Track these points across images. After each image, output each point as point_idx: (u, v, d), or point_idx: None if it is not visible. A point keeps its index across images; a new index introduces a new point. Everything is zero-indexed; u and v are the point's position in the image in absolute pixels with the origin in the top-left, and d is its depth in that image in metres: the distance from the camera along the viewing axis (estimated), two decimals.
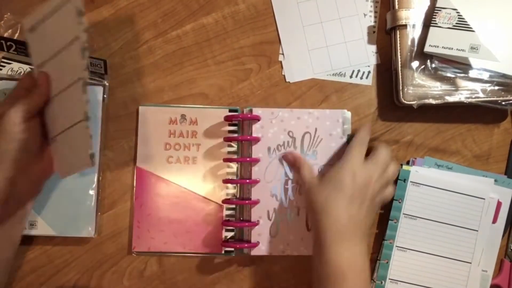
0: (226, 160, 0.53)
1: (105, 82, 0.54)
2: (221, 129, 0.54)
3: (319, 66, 0.56)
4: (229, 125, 0.54)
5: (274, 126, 0.53)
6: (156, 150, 0.53)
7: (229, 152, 0.54)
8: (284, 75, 0.56)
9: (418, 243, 0.52)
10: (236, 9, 0.56)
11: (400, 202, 0.52)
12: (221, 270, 0.53)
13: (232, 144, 0.54)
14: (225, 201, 0.53)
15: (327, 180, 0.48)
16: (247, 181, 0.52)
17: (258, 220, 0.52)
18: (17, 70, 0.54)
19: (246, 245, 0.51)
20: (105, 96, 0.54)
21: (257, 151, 0.52)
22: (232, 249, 0.52)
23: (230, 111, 0.54)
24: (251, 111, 0.53)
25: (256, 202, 0.52)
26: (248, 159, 0.52)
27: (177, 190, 0.53)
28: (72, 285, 0.52)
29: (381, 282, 0.52)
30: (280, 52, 0.56)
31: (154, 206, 0.53)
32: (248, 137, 0.52)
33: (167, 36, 0.56)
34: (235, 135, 0.53)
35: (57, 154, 0.47)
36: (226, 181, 0.53)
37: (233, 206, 0.53)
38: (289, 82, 0.56)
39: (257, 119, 0.53)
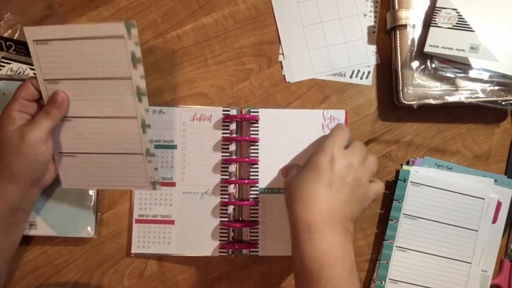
0: (225, 160, 0.53)
1: None
2: (219, 129, 0.53)
3: (319, 66, 0.56)
4: (223, 127, 0.53)
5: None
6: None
7: (226, 153, 0.53)
8: (284, 75, 0.56)
9: (418, 243, 0.52)
10: (236, 9, 0.56)
11: (400, 202, 0.52)
12: (220, 270, 0.53)
13: (227, 145, 0.53)
14: (224, 202, 0.53)
15: (304, 166, 0.45)
16: (246, 181, 0.52)
17: (257, 221, 0.52)
18: (17, 70, 0.54)
19: (245, 246, 0.51)
20: None
21: (255, 152, 0.52)
22: (231, 250, 0.52)
23: (226, 111, 0.53)
24: (249, 111, 0.53)
25: (255, 203, 0.52)
26: (246, 159, 0.52)
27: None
28: (72, 285, 0.52)
29: (381, 282, 0.52)
30: (280, 52, 0.56)
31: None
32: (247, 138, 0.52)
33: (167, 36, 0.56)
34: (234, 135, 0.53)
35: (75, 168, 0.48)
36: (225, 181, 0.53)
37: (232, 206, 0.53)
38: (289, 82, 0.56)
39: (255, 119, 0.53)
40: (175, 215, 0.53)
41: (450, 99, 0.52)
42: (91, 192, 0.52)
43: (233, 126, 0.53)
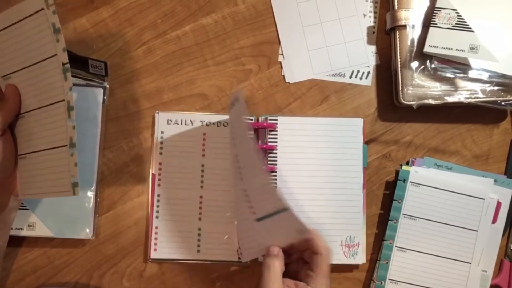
0: None
1: (106, 84, 0.54)
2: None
3: (319, 67, 0.56)
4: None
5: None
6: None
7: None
8: (283, 76, 0.56)
9: (418, 243, 0.52)
10: (236, 9, 0.56)
11: (399, 203, 0.52)
12: (220, 270, 0.53)
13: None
14: None
15: None
16: None
17: None
18: None
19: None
20: (105, 98, 0.54)
21: (272, 160, 0.52)
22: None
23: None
24: (266, 119, 0.53)
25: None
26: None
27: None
28: (72, 285, 0.52)
29: (381, 283, 0.52)
30: (280, 52, 0.56)
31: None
32: (264, 146, 0.52)
33: (167, 36, 0.56)
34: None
35: (25, 172, 0.44)
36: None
37: None
38: (288, 82, 0.56)
39: (273, 127, 0.52)
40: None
41: (450, 99, 0.52)
42: (90, 194, 0.52)
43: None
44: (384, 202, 0.55)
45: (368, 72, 0.56)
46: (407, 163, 0.54)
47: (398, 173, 0.53)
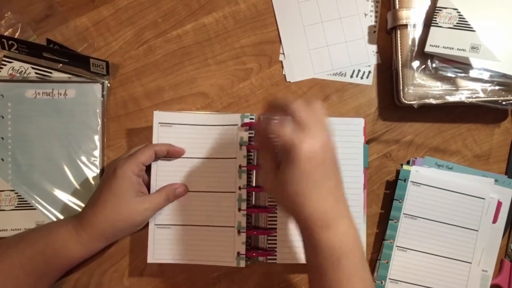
0: (242, 167, 0.51)
1: (107, 82, 0.54)
2: (237, 136, 0.52)
3: (320, 66, 0.56)
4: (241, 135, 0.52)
5: None
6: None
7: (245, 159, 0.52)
8: (284, 75, 0.56)
9: (418, 243, 0.52)
10: (237, 8, 0.56)
11: (400, 202, 0.52)
12: (221, 270, 0.53)
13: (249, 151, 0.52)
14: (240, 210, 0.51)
15: (298, 156, 0.39)
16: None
17: (274, 228, 0.51)
18: (18, 69, 0.54)
19: (261, 253, 0.50)
20: (104, 93, 0.54)
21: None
22: (248, 257, 0.51)
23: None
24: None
25: (273, 211, 0.52)
26: None
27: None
28: (72, 284, 0.52)
29: (381, 282, 0.52)
30: (281, 51, 0.56)
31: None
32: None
33: (168, 35, 0.56)
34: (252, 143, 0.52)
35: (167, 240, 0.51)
36: (242, 187, 0.51)
37: (249, 213, 0.51)
38: (289, 81, 0.56)
39: None
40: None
41: (451, 99, 0.52)
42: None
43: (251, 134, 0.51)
44: (384, 202, 0.55)
45: (369, 72, 0.56)
46: (408, 163, 0.54)
47: (398, 173, 0.53)
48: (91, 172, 0.53)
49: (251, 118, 0.52)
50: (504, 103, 0.52)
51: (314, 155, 0.38)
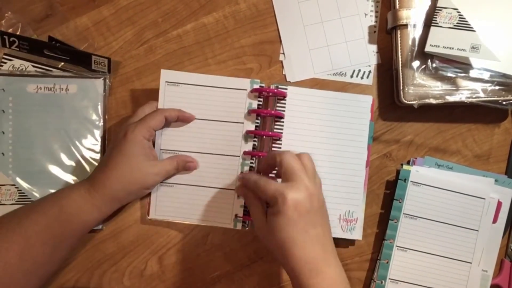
0: (249, 132, 0.52)
1: (108, 81, 0.54)
2: (245, 101, 0.52)
3: (320, 66, 0.56)
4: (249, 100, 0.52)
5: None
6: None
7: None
8: (285, 75, 0.56)
9: (418, 243, 0.52)
10: (237, 8, 0.56)
11: (400, 202, 0.52)
12: (221, 269, 0.53)
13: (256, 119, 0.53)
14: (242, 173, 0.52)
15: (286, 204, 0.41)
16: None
17: None
18: (19, 67, 0.53)
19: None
20: (106, 89, 0.54)
21: (279, 127, 0.52)
22: (246, 221, 0.52)
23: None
24: (277, 87, 0.52)
25: (274, 178, 0.51)
26: (270, 133, 0.52)
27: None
28: (72, 284, 0.52)
29: (381, 282, 0.52)
30: (281, 51, 0.56)
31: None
32: (273, 112, 0.52)
33: (168, 35, 0.56)
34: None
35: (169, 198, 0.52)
36: (246, 152, 0.52)
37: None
38: (290, 81, 0.56)
39: (282, 95, 0.52)
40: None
41: (451, 98, 0.52)
42: None
43: (260, 101, 0.52)
44: (384, 202, 0.55)
45: (369, 72, 0.56)
46: (408, 163, 0.54)
47: (398, 173, 0.53)
48: (92, 167, 0.53)
49: (261, 86, 0.52)
50: (504, 103, 0.52)
51: (299, 204, 0.41)
